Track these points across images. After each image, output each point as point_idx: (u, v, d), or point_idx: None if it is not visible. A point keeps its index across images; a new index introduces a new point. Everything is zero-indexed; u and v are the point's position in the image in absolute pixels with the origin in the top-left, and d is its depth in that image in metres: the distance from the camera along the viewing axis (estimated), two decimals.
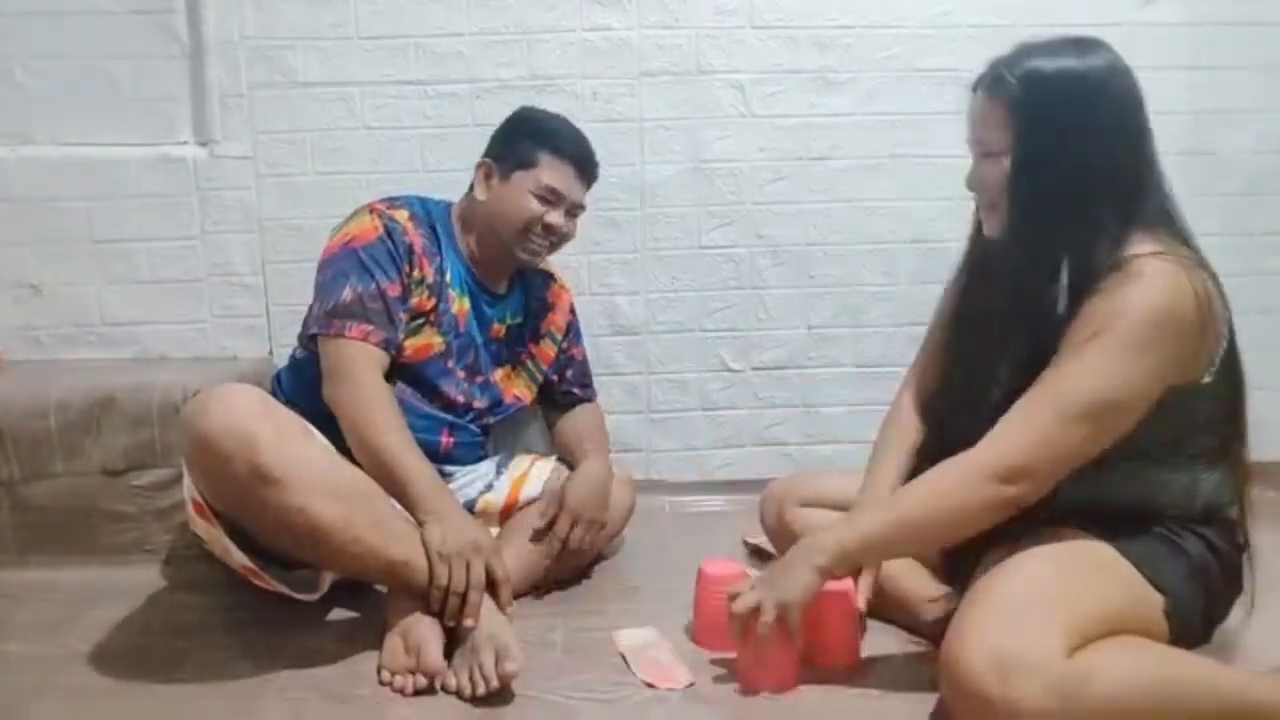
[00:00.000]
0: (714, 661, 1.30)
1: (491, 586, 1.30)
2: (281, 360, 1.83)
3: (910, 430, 1.36)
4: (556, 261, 1.75)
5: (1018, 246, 1.18)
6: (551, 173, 1.53)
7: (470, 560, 1.28)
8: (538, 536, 1.52)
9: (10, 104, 1.87)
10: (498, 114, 1.71)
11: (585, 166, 1.58)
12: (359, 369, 1.39)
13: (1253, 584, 1.23)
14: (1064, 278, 1.13)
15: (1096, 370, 1.09)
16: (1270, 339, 1.99)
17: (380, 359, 1.42)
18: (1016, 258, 1.18)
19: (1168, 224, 1.17)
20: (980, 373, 1.22)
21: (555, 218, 1.54)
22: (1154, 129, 1.93)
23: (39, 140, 1.88)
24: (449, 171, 1.87)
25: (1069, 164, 1.14)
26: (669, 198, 1.95)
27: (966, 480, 1.13)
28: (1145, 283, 1.08)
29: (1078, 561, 1.14)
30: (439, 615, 1.28)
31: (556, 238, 1.57)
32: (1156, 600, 1.14)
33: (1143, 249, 1.12)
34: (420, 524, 1.32)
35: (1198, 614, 1.18)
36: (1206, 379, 1.15)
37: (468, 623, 1.25)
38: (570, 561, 1.56)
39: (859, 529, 1.18)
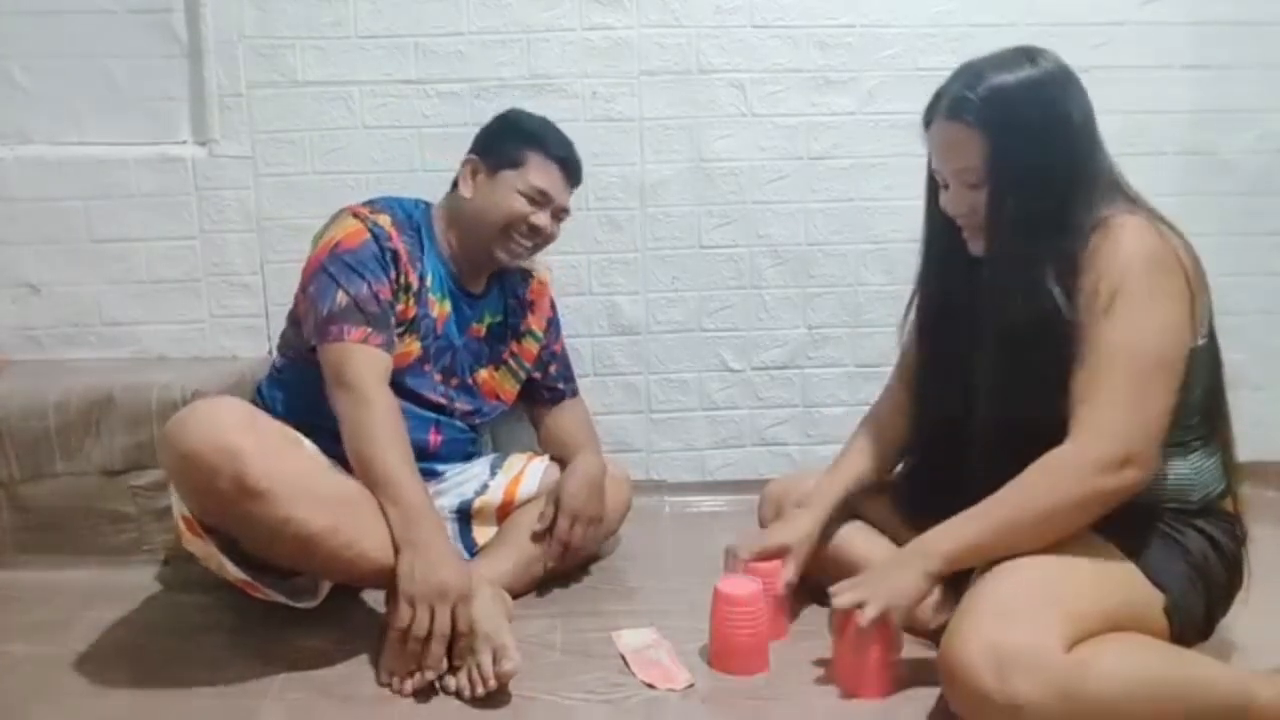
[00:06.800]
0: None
1: (455, 636, 1.23)
2: None
3: (889, 427, 1.44)
4: (555, 261, 1.75)
5: (1010, 259, 1.17)
6: (539, 173, 1.52)
7: (435, 606, 1.22)
8: (537, 539, 1.52)
9: (9, 104, 1.86)
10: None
11: (572, 170, 1.58)
12: (365, 377, 1.36)
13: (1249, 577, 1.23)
14: (1051, 275, 1.14)
15: (1141, 325, 1.10)
16: (1270, 339, 2.00)
17: (384, 362, 1.40)
18: (1010, 269, 1.17)
19: (1124, 198, 1.18)
20: (977, 386, 1.22)
21: (541, 219, 1.54)
22: (1153, 128, 1.95)
23: (37, 140, 1.88)
24: (449, 171, 1.85)
25: (1048, 171, 1.15)
26: (669, 197, 1.95)
27: (1075, 478, 1.11)
28: (1130, 234, 1.11)
29: (1077, 559, 1.14)
30: (404, 655, 1.23)
31: (540, 239, 1.56)
32: (1157, 598, 1.14)
33: (1110, 210, 1.14)
34: (396, 550, 1.27)
35: (1199, 611, 1.18)
36: (1201, 340, 1.16)
37: (428, 675, 1.21)
38: (570, 559, 1.56)
39: (969, 534, 1.16)
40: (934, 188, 1.28)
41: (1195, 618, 1.17)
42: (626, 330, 1.99)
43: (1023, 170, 1.14)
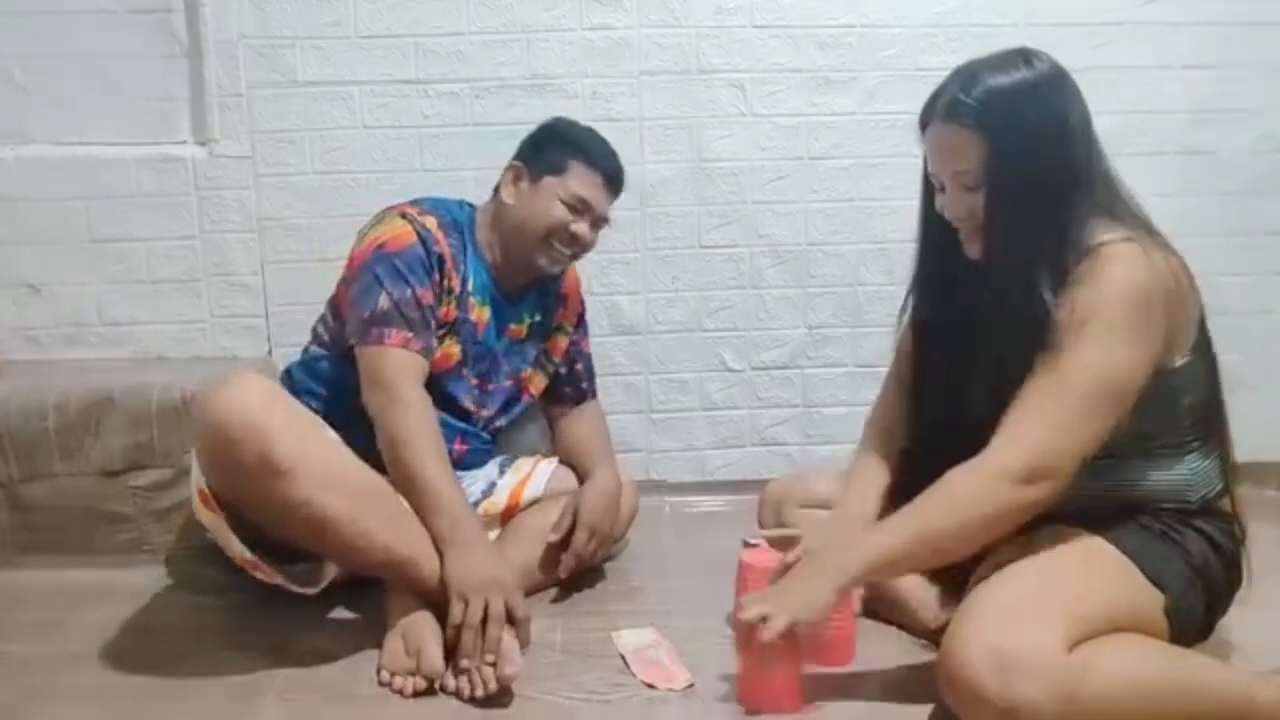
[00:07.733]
0: (722, 677, 1.26)
1: (510, 624, 1.25)
2: (281, 360, 1.82)
3: (888, 448, 1.37)
4: None
5: (1008, 262, 1.16)
6: (581, 182, 1.52)
7: (490, 598, 1.24)
8: (551, 551, 1.52)
9: (9, 104, 1.86)
10: (497, 113, 1.71)
11: (614, 179, 1.57)
12: (401, 379, 1.37)
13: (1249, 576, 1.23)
14: (1044, 281, 1.13)
15: (1095, 356, 1.09)
16: (1270, 339, 2.00)
17: (421, 368, 1.41)
18: (1008, 272, 1.16)
19: (1121, 204, 1.17)
20: (972, 388, 1.22)
21: (581, 228, 1.53)
22: (1153, 129, 1.96)
23: (38, 140, 1.88)
24: (448, 171, 1.87)
25: (1046, 172, 1.14)
26: (669, 197, 1.95)
27: (986, 487, 1.10)
28: (1119, 266, 1.10)
29: (1077, 560, 1.14)
30: (456, 652, 1.23)
31: (579, 247, 1.56)
32: (1157, 598, 1.14)
33: (1108, 235, 1.12)
34: (441, 552, 1.30)
35: (1199, 612, 1.18)
36: (1181, 360, 1.15)
37: (488, 659, 1.21)
38: (576, 570, 1.56)
39: (879, 546, 1.14)
40: (929, 189, 1.28)
41: (1195, 618, 1.17)
42: (626, 330, 1.99)
43: (1021, 172, 1.14)
